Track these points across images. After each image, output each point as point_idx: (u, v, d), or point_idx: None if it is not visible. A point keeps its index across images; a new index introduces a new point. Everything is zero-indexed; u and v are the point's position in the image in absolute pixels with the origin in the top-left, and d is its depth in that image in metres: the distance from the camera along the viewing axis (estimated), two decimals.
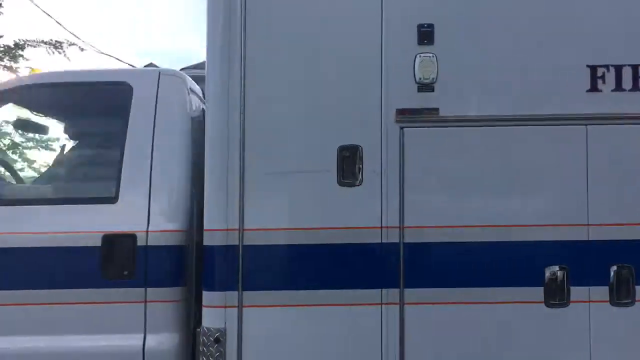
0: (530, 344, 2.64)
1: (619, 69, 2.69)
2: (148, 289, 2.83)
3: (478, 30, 2.75)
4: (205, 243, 2.72)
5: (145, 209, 2.89)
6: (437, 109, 2.69)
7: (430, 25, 2.71)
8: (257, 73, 2.71)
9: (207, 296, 2.71)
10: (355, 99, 2.70)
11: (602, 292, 2.64)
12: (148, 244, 2.85)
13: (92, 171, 3.19)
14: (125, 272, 2.86)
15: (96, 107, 3.26)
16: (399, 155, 2.68)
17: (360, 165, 2.68)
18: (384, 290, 2.66)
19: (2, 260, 2.86)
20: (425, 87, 2.70)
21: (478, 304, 2.64)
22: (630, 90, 2.70)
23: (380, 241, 2.66)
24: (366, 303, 2.65)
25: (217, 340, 2.65)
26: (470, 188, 2.70)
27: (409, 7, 2.74)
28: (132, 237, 2.87)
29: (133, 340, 2.81)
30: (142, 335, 2.82)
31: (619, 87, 2.69)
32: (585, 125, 2.67)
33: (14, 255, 2.88)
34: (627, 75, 2.69)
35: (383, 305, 2.65)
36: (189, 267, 2.91)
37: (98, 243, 2.86)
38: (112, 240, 2.88)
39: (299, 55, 2.75)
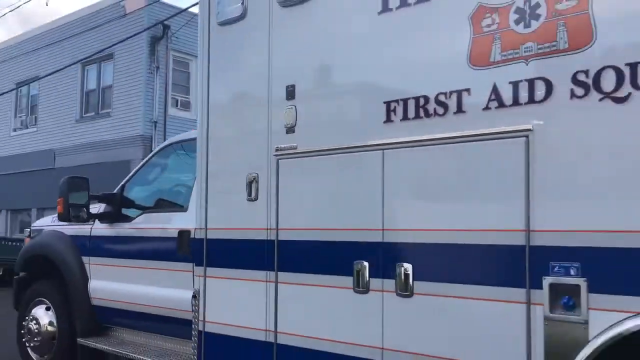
0: (344, 321, 3.48)
1: (405, 101, 3.28)
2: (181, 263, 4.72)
3: (320, 88, 3.71)
4: (193, 236, 4.43)
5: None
6: (295, 146, 3.77)
7: (293, 86, 3.82)
8: (211, 114, 4.30)
9: (195, 269, 4.40)
10: (256, 141, 4.00)
11: (391, 284, 3.29)
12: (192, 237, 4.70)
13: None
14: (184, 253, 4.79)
15: None
16: (276, 179, 3.87)
17: (257, 187, 3.97)
18: (267, 272, 3.88)
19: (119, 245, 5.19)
20: (290, 130, 3.81)
21: (314, 286, 3.62)
22: (414, 119, 3.25)
23: (266, 238, 3.90)
24: (257, 279, 3.92)
25: (194, 296, 4.33)
26: (316, 199, 3.69)
27: (282, 73, 3.89)
28: (188, 232, 4.77)
29: (178, 292, 4.72)
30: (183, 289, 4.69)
31: (405, 117, 3.29)
32: (382, 150, 3.36)
33: (133, 241, 5.16)
34: (411, 106, 3.26)
35: (267, 283, 3.88)
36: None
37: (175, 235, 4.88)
38: (181, 234, 4.85)
39: (232, 107, 4.22)
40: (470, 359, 2.98)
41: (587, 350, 2.60)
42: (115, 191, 5.75)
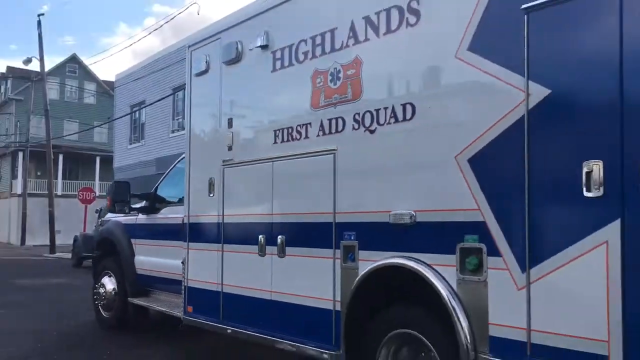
0: (254, 274, 5.29)
1: (281, 130, 5.05)
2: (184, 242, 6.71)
3: (244, 120, 5.56)
4: (182, 222, 6.42)
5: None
6: (232, 159, 5.64)
7: (231, 118, 5.69)
8: (192, 136, 6.26)
9: (183, 244, 6.38)
10: (213, 155, 5.90)
11: (274, 249, 5.07)
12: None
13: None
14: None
15: None
16: (222, 181, 5.75)
17: (214, 186, 5.88)
18: (218, 244, 5.78)
19: (151, 229, 7.26)
20: (229, 148, 5.68)
21: (240, 252, 5.46)
22: (286, 142, 5.01)
23: (217, 222, 5.79)
24: (213, 250, 5.81)
25: (182, 263, 6.31)
26: (241, 195, 5.53)
27: (226, 109, 5.76)
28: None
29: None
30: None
31: (282, 140, 5.05)
32: (272, 162, 5.15)
33: (159, 227, 7.22)
34: (285, 133, 5.02)
35: (217, 252, 5.77)
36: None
37: (180, 221, 6.89)
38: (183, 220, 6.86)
39: (202, 131, 6.15)
40: (311, 291, 4.68)
41: (358, 280, 4.25)
42: (151, 191, 7.89)
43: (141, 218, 7.92)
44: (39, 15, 30.59)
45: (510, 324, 3.35)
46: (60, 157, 41.16)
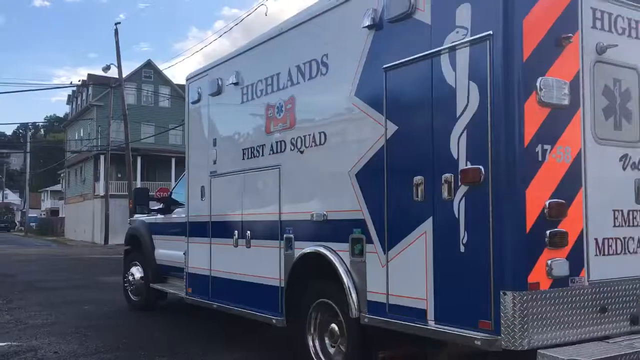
0: (231, 261, 6.79)
1: (247, 149, 6.55)
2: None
3: (223, 141, 7.08)
4: (185, 221, 7.99)
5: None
6: (216, 171, 7.16)
7: (215, 139, 7.21)
8: (190, 153, 7.84)
9: (185, 239, 7.95)
10: (204, 167, 7.43)
11: (244, 242, 6.56)
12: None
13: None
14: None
15: None
16: (210, 188, 7.28)
17: (204, 192, 7.41)
18: (208, 238, 7.31)
19: (166, 227, 8.88)
20: (214, 162, 7.20)
21: (222, 245, 6.97)
22: (250, 158, 6.50)
23: (208, 220, 7.33)
24: (205, 242, 7.35)
25: (184, 254, 7.88)
26: (222, 200, 7.05)
27: (211, 131, 7.29)
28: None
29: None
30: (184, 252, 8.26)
31: (248, 157, 6.55)
32: (244, 173, 6.64)
33: (171, 225, 8.84)
34: (249, 152, 6.52)
35: (208, 244, 7.31)
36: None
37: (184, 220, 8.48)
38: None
39: (197, 148, 7.72)
40: (266, 272, 6.13)
41: (293, 263, 5.70)
42: (168, 195, 9.51)
43: (159, 218, 9.57)
44: (116, 24, 32.10)
45: (378, 291, 4.73)
46: (139, 159, 43.02)
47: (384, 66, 4.73)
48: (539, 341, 3.76)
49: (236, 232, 6.70)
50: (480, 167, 3.93)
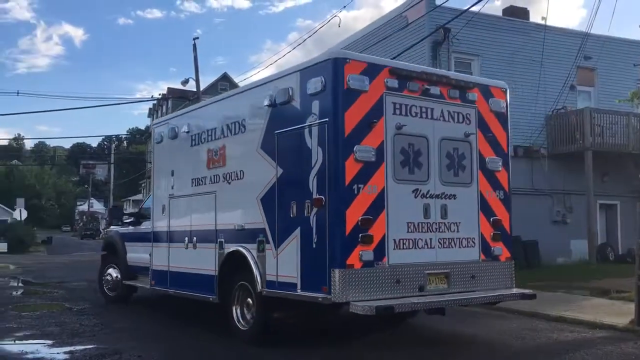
0: (183, 259, 9.47)
1: (194, 179, 9.27)
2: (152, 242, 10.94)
3: (178, 173, 9.80)
4: (151, 231, 10.65)
5: None
6: (174, 194, 9.85)
7: (173, 170, 9.91)
8: (155, 180, 10.51)
9: (151, 244, 10.60)
10: (165, 191, 10.11)
11: (192, 245, 9.25)
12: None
13: None
14: None
15: None
16: (169, 207, 9.97)
17: (165, 209, 10.09)
18: (167, 243, 9.98)
19: (136, 236, 11.55)
20: (172, 187, 9.89)
21: (177, 248, 9.65)
22: (197, 185, 9.21)
23: (167, 230, 10.00)
24: (164, 246, 10.03)
25: (150, 255, 10.53)
26: (177, 215, 9.74)
27: (170, 164, 9.99)
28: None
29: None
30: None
31: (195, 184, 9.26)
32: (191, 197, 9.35)
33: (140, 234, 11.51)
34: (195, 181, 9.24)
35: (167, 247, 9.97)
36: None
37: (150, 230, 11.15)
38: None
39: (160, 177, 10.41)
40: (206, 266, 8.80)
41: (222, 258, 8.41)
42: (137, 210, 12.15)
43: (130, 228, 12.19)
44: (194, 39, 32.65)
45: (272, 274, 7.47)
46: None
47: (276, 131, 7.51)
48: (353, 297, 6.54)
49: (186, 238, 9.39)
50: (322, 197, 6.73)
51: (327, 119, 6.74)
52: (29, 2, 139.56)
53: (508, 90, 8.39)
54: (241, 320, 8.19)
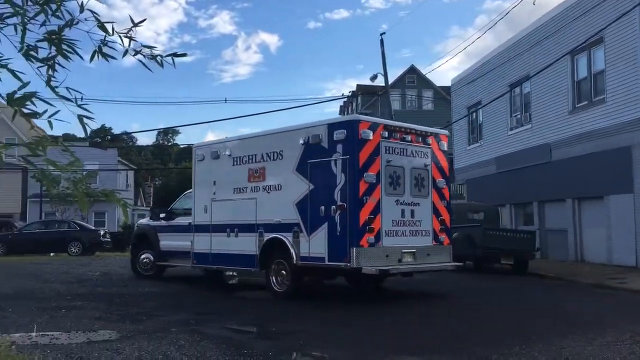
0: (226, 244, 13.48)
1: (236, 188, 13.32)
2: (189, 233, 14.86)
3: (220, 184, 13.83)
4: (192, 223, 14.58)
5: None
6: (215, 197, 13.84)
7: (215, 181, 13.91)
8: (196, 188, 14.47)
9: (192, 234, 14.52)
10: (208, 195, 14.06)
11: (234, 234, 13.29)
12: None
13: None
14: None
15: None
16: (211, 207, 13.95)
17: (207, 209, 14.06)
18: (210, 233, 13.95)
19: (169, 228, 15.45)
20: (214, 193, 13.88)
21: (220, 237, 13.66)
22: (239, 192, 13.27)
23: (209, 223, 13.97)
24: (206, 235, 13.99)
25: (191, 242, 14.45)
26: (219, 212, 13.76)
27: (212, 177, 13.97)
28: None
29: (188, 242, 14.84)
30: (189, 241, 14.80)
31: (236, 192, 13.31)
32: (233, 200, 13.39)
33: (174, 226, 15.39)
34: (237, 190, 13.30)
35: (209, 236, 13.94)
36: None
37: (187, 223, 15.03)
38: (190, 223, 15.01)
39: (202, 186, 14.38)
40: (247, 248, 12.87)
41: (263, 243, 12.54)
42: (170, 208, 16.03)
43: (163, 222, 16.01)
44: (381, 35, 32.41)
45: (305, 252, 11.69)
46: None
47: (309, 160, 11.74)
48: (364, 264, 10.89)
49: (228, 229, 13.41)
50: (344, 203, 11.05)
51: (348, 156, 11.06)
52: (230, 16, 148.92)
53: (448, 136, 13.06)
54: (277, 285, 12.36)
